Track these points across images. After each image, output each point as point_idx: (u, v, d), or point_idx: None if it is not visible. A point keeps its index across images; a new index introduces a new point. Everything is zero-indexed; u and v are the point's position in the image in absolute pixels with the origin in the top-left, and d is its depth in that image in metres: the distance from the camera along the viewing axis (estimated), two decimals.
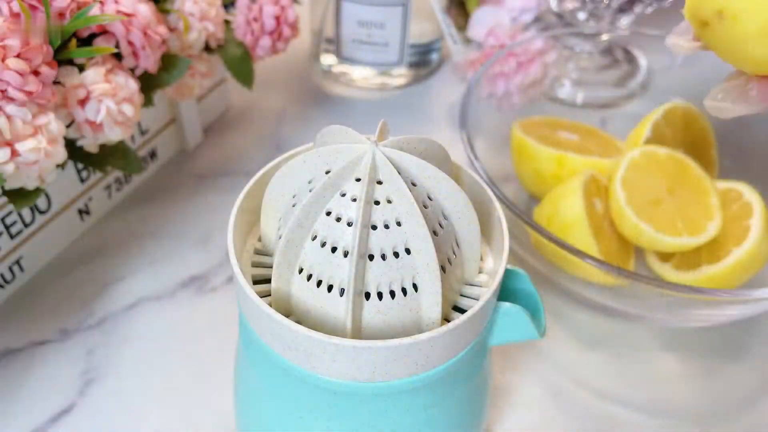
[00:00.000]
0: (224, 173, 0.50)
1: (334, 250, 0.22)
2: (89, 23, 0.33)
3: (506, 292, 0.27)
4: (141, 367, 0.38)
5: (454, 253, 0.24)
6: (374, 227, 0.22)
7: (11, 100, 0.30)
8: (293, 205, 0.24)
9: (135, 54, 0.36)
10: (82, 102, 0.34)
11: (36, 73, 0.31)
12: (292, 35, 0.47)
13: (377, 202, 0.22)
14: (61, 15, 0.33)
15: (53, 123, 0.32)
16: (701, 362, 0.41)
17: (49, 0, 0.32)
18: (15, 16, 0.31)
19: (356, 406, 0.24)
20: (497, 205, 0.27)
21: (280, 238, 0.24)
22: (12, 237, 0.38)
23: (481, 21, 0.56)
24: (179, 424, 0.35)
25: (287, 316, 0.23)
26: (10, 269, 0.40)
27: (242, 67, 0.45)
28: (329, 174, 0.23)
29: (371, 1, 0.53)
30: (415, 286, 0.23)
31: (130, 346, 0.39)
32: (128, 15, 0.35)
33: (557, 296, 0.43)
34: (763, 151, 0.48)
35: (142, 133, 0.46)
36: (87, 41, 0.35)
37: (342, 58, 0.58)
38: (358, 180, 0.22)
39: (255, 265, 0.26)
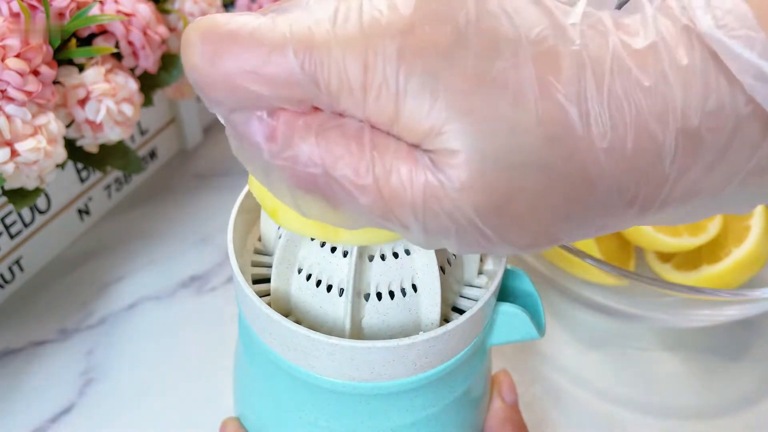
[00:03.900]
0: (224, 173, 0.50)
1: (333, 250, 0.22)
2: (89, 23, 0.33)
3: (506, 292, 0.27)
4: (141, 367, 0.38)
5: (453, 254, 0.24)
6: None
7: (11, 100, 0.30)
8: None
9: (135, 54, 0.37)
10: (82, 102, 0.34)
11: (36, 73, 0.31)
12: None
13: None
14: (61, 15, 0.33)
15: (53, 123, 0.32)
16: (701, 362, 0.40)
17: (49, 0, 0.32)
18: (15, 16, 0.31)
19: (355, 406, 0.24)
20: None
21: (279, 237, 0.24)
22: (12, 237, 0.38)
23: None
24: (179, 424, 0.35)
25: (287, 315, 0.23)
26: (10, 269, 0.40)
27: None
28: None
29: None
30: (414, 287, 0.23)
31: (129, 346, 0.39)
32: (128, 15, 0.35)
33: (557, 296, 0.43)
34: None
35: (142, 133, 0.46)
36: (87, 41, 0.35)
37: None
38: None
39: (255, 264, 0.26)
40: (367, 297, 0.22)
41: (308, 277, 0.23)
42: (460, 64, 0.14)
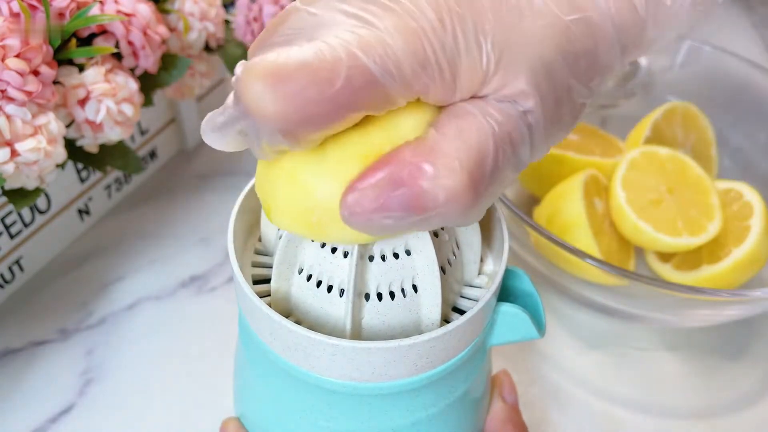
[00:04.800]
0: (224, 173, 0.50)
1: (334, 250, 0.22)
2: (89, 23, 0.33)
3: (506, 291, 0.27)
4: (141, 367, 0.38)
5: (453, 255, 0.24)
6: None
7: (11, 100, 0.30)
8: None
9: (135, 54, 0.36)
10: (82, 102, 0.34)
11: (36, 73, 0.31)
12: None
13: None
14: (61, 15, 0.33)
15: (53, 123, 0.32)
16: (701, 362, 0.41)
17: (49, 0, 0.32)
18: (15, 16, 0.31)
19: (356, 406, 0.24)
20: (497, 205, 0.27)
21: (280, 238, 0.24)
22: (12, 237, 0.38)
23: None
24: (179, 424, 0.35)
25: (287, 316, 0.23)
26: (10, 269, 0.40)
27: None
28: None
29: None
30: (414, 287, 0.23)
31: (129, 346, 0.39)
32: (128, 15, 0.35)
33: (557, 296, 0.43)
34: (763, 151, 0.48)
35: (142, 133, 0.46)
36: (87, 41, 0.35)
37: None
38: None
39: (255, 265, 0.26)
40: (367, 297, 0.22)
41: (309, 278, 0.23)
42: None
